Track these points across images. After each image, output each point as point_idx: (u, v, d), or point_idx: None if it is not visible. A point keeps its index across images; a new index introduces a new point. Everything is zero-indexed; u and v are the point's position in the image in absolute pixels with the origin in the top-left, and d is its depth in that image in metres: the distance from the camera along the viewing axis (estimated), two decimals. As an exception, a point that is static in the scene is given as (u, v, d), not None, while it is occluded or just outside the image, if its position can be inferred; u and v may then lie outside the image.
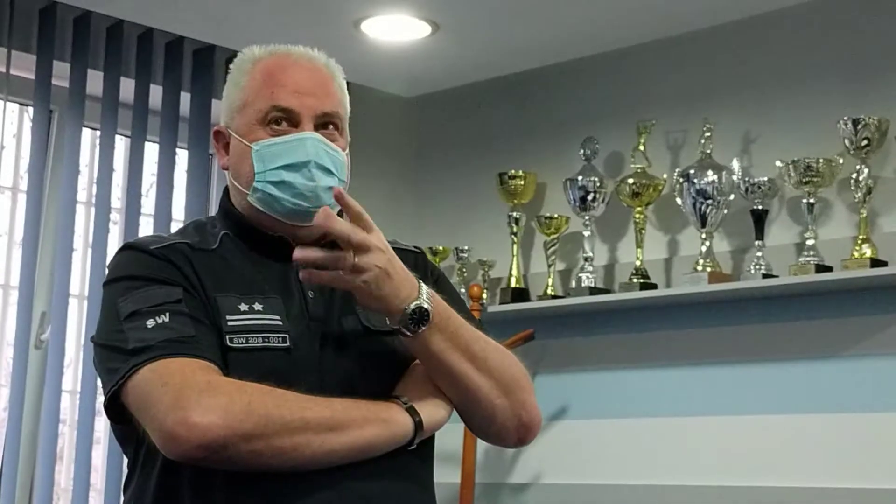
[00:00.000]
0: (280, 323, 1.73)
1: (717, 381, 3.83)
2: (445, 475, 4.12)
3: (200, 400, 1.58)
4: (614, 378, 4.05)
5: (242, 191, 1.81)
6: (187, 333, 1.66)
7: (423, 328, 1.70)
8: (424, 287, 1.72)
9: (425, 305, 1.70)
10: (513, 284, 4.23)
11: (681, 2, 3.83)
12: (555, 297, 4.10)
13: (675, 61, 4.09)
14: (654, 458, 3.91)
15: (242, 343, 1.70)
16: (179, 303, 1.69)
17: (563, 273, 4.23)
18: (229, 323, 1.71)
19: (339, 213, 1.72)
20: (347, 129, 1.87)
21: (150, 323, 1.67)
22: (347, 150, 1.85)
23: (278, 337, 1.72)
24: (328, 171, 1.78)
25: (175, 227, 3.98)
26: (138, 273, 1.74)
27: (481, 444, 4.20)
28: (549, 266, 4.17)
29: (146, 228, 4.11)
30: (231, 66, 1.89)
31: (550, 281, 4.15)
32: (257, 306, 1.73)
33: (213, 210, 4.18)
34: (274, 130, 1.79)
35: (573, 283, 4.09)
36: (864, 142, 3.51)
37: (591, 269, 4.04)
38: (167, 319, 1.67)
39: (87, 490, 3.84)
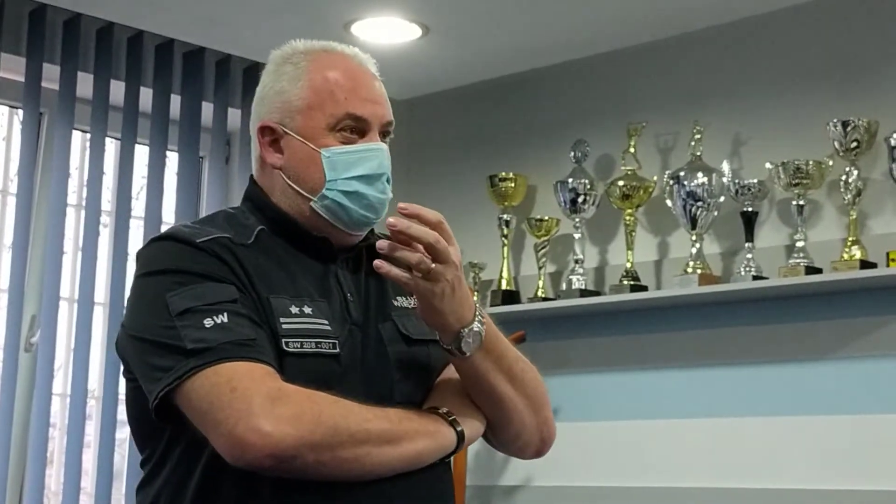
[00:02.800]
0: (329, 328, 1.71)
1: (707, 383, 3.83)
2: (436, 478, 4.12)
3: (272, 408, 1.56)
4: (605, 380, 4.06)
5: (304, 195, 1.78)
6: (248, 336, 1.63)
7: (476, 350, 1.72)
8: (479, 307, 1.74)
9: (479, 328, 1.71)
10: (503, 287, 4.23)
11: (671, 4, 3.83)
12: (545, 299, 4.10)
13: (666, 64, 4.09)
14: (645, 461, 3.91)
15: (297, 348, 1.68)
16: (236, 303, 1.65)
17: (554, 275, 4.23)
18: (284, 326, 1.68)
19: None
20: None
21: (208, 322, 1.62)
22: None
23: (329, 343, 1.70)
24: (389, 183, 1.80)
25: (165, 229, 3.97)
26: (187, 268, 1.68)
27: (472, 447, 4.20)
28: (540, 268, 4.17)
29: (136, 231, 4.10)
30: (275, 58, 1.84)
31: (541, 283, 4.15)
32: (307, 309, 1.71)
33: (203, 212, 4.22)
34: (345, 138, 1.77)
35: (564, 286, 4.10)
36: (854, 144, 3.52)
37: (581, 271, 4.04)
38: (225, 320, 1.63)
39: (77, 494, 3.83)
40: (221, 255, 1.70)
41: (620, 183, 3.97)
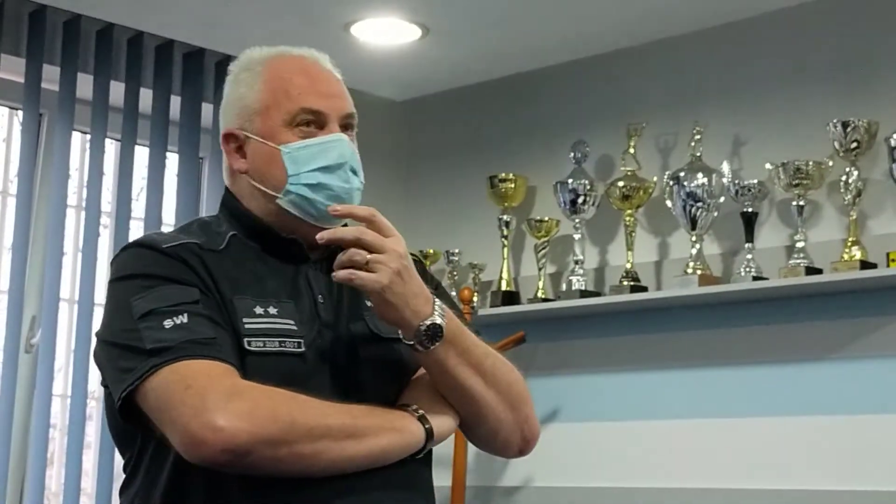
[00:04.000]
0: (295, 328, 1.73)
1: (707, 383, 3.83)
2: (436, 478, 4.08)
3: (227, 404, 1.57)
4: (605, 381, 4.06)
5: (270, 193, 1.80)
6: (207, 335, 1.65)
7: (437, 344, 1.71)
8: (438, 302, 1.73)
9: (439, 321, 1.71)
10: (503, 287, 4.23)
11: (671, 5, 3.83)
12: (545, 299, 4.10)
13: (665, 64, 4.09)
14: (645, 461, 3.91)
15: (260, 347, 1.69)
16: (197, 304, 1.68)
17: (554, 276, 4.23)
18: (246, 326, 1.70)
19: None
20: None
21: (168, 323, 1.65)
22: None
23: (294, 342, 1.71)
24: (356, 173, 1.81)
25: (165, 230, 3.97)
26: (152, 272, 1.71)
27: (472, 448, 4.20)
28: (540, 269, 4.17)
29: (136, 232, 4.10)
30: (234, 67, 1.89)
31: (541, 284, 4.15)
32: (272, 310, 1.72)
33: (204, 213, 4.22)
34: (303, 132, 1.79)
35: (564, 286, 4.10)
36: (854, 144, 3.52)
37: (581, 271, 4.04)
38: (185, 320, 1.65)
39: (77, 494, 3.83)
40: (187, 258, 1.73)
41: (620, 183, 3.97)
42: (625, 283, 3.91)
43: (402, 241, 1.72)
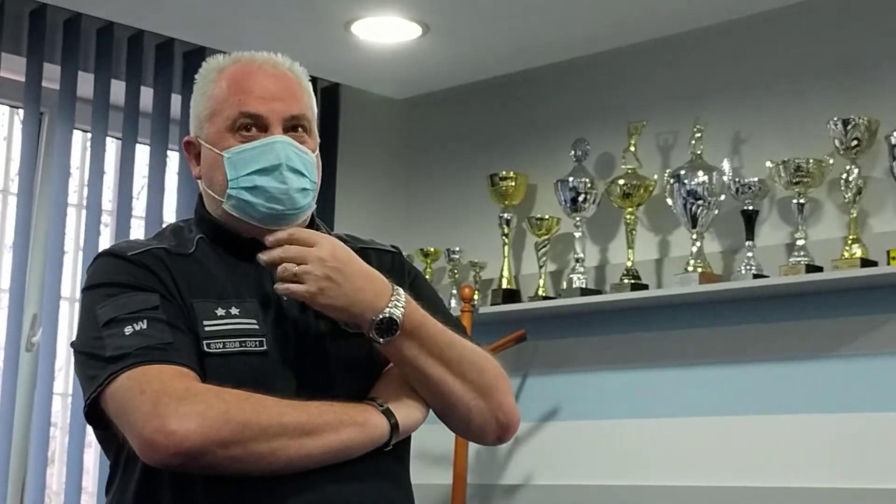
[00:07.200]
0: (257, 327, 1.74)
1: (707, 381, 3.83)
2: (437, 476, 4.13)
3: (178, 407, 1.60)
4: (606, 379, 4.06)
5: (217, 198, 1.84)
6: (164, 340, 1.68)
7: (394, 335, 1.73)
8: (397, 292, 1.74)
9: (396, 313, 1.72)
10: (504, 285, 4.23)
11: (671, 3, 3.83)
12: (546, 298, 4.10)
13: (666, 62, 4.09)
14: (646, 459, 3.92)
15: (219, 348, 1.72)
16: (157, 309, 1.71)
17: (555, 274, 4.23)
18: (206, 328, 1.72)
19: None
20: (316, 130, 1.89)
21: (128, 330, 1.68)
22: (317, 151, 1.87)
23: (255, 341, 1.73)
24: (299, 173, 1.81)
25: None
26: (116, 280, 1.75)
27: (473, 445, 4.20)
28: (541, 267, 4.17)
29: (137, 230, 4.10)
30: (196, 76, 1.91)
31: (542, 282, 4.15)
32: (234, 311, 1.75)
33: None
34: (244, 137, 1.81)
35: (564, 284, 4.10)
36: (854, 142, 3.52)
37: (582, 269, 4.04)
38: (145, 326, 1.69)
39: (78, 493, 3.84)
40: (150, 265, 1.76)
41: (621, 181, 3.97)
42: (625, 281, 3.91)
43: (327, 245, 1.73)
